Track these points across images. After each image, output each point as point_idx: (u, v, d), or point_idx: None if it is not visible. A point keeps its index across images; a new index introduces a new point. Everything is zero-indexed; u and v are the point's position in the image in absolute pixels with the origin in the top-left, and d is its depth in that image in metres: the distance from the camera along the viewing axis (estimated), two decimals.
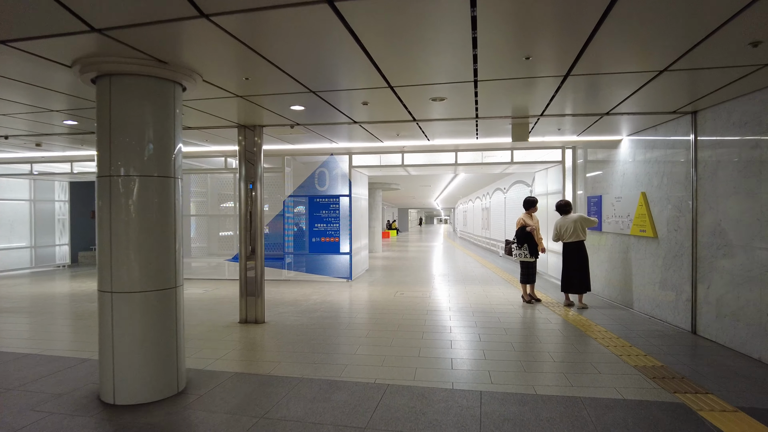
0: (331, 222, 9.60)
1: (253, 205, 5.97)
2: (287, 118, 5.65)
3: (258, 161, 5.94)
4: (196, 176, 11.65)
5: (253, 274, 6.01)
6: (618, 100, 4.82)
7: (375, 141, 7.43)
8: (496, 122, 5.89)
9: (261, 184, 6.00)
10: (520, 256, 7.12)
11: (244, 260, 6.01)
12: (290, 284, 9.20)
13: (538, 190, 10.65)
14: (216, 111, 5.26)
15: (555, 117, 5.56)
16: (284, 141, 7.55)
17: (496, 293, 8.06)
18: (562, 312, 6.49)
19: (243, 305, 5.99)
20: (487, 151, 9.10)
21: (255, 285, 5.99)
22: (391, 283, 9.41)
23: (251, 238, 6.00)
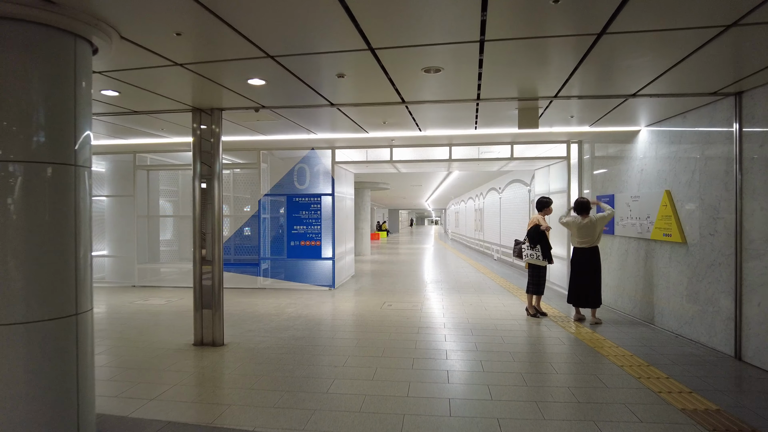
0: (311, 224, 8.64)
1: (209, 205, 5.00)
2: (250, 99, 4.69)
3: (216, 153, 4.97)
4: (166, 173, 10.59)
5: (209, 282, 5.03)
6: (651, 76, 3.94)
7: (359, 131, 6.50)
8: (499, 107, 4.99)
9: (219, 181, 5.03)
10: (530, 257, 6.22)
11: (199, 267, 5.03)
12: (265, 293, 8.21)
13: (539, 189, 9.80)
14: (159, 87, 4.28)
15: (571, 99, 4.68)
16: (255, 131, 6.58)
17: (494, 304, 7.17)
18: (574, 329, 5.61)
19: (198, 322, 5.01)
20: (485, 145, 8.21)
21: (212, 295, 5.02)
22: (378, 291, 8.48)
23: (208, 240, 5.02)
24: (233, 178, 9.90)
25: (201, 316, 5.03)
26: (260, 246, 8.83)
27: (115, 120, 5.76)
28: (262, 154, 8.80)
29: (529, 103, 4.76)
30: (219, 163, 5.02)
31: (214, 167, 4.99)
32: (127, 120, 5.76)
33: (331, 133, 6.77)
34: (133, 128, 6.43)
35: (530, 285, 6.30)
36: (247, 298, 7.74)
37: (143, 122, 5.94)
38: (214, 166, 4.99)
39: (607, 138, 6.98)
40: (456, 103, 4.73)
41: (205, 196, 5.01)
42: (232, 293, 8.24)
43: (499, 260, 14.61)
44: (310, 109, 5.06)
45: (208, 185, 4.99)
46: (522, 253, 6.37)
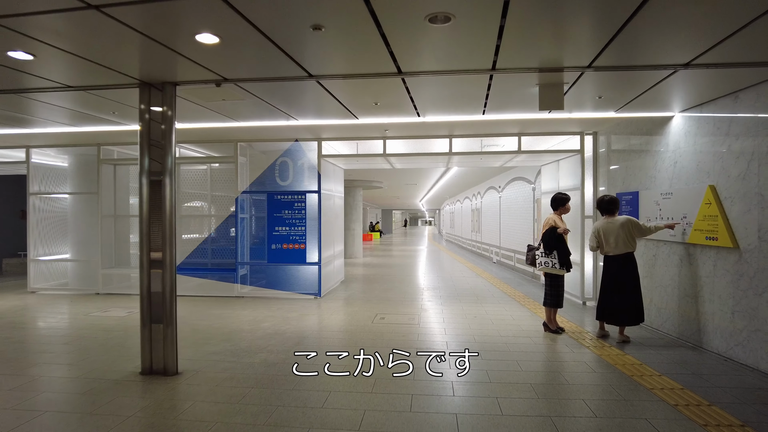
0: (295, 224, 7.71)
1: (159, 204, 4.05)
2: (209, 69, 3.76)
3: (168, 143, 4.03)
4: (137, 168, 9.55)
5: (159, 288, 4.09)
6: (716, 38, 3.08)
7: (347, 116, 5.57)
8: (516, 82, 4.10)
9: (173, 177, 4.10)
10: (546, 266, 5.33)
11: (146, 272, 4.08)
12: (242, 303, 7.25)
13: (546, 186, 8.94)
14: (88, 49, 3.33)
15: (606, 72, 3.80)
16: (225, 115, 5.64)
17: (501, 316, 6.29)
18: (599, 348, 4.74)
19: (146, 342, 4.06)
20: (490, 137, 7.33)
21: (162, 306, 4.07)
22: (370, 300, 7.56)
23: (159, 241, 4.07)
24: (211, 174, 8.93)
25: (150, 334, 4.08)
26: (238, 249, 7.87)
27: (49, 98, 4.79)
28: (240, 147, 7.85)
29: (554, 76, 3.87)
30: (172, 156, 4.08)
31: (165, 160, 4.05)
32: (65, 99, 4.79)
33: (316, 119, 5.84)
34: (80, 112, 5.46)
35: (548, 297, 5.42)
36: (219, 309, 6.79)
37: (87, 103, 4.97)
38: (165, 160, 4.04)
39: (628, 128, 6.13)
40: (465, 74, 3.82)
41: (155, 195, 4.07)
42: (205, 303, 7.28)
43: (498, 263, 13.76)
44: (284, 83, 4.12)
45: (158, 183, 4.05)
46: (536, 260, 5.47)
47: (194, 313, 6.52)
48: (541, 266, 5.36)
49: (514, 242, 12.14)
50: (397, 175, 13.76)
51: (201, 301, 7.50)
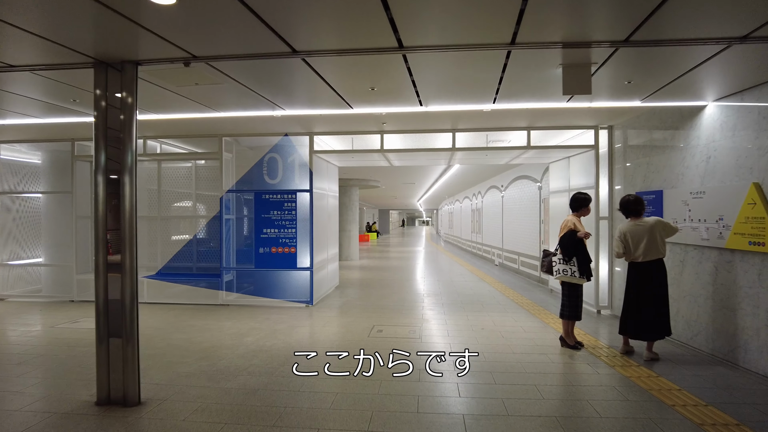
0: (285, 226, 7.10)
1: (118, 204, 3.45)
2: (174, 44, 3.16)
3: (128, 135, 3.42)
4: None
5: (118, 296, 3.48)
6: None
7: (340, 105, 4.98)
8: (536, 61, 3.52)
9: (133, 175, 3.49)
10: (565, 274, 4.74)
11: (103, 278, 3.47)
12: (226, 312, 6.64)
13: (554, 185, 8.38)
14: (33, 22, 2.72)
15: (645, 49, 3.22)
16: (204, 105, 5.03)
17: (510, 327, 5.71)
18: (626, 367, 4.17)
19: (103, 363, 3.45)
20: (496, 131, 6.76)
21: (122, 316, 3.46)
22: (366, 308, 6.96)
23: (116, 243, 3.47)
24: (196, 171, 8.30)
25: (107, 353, 3.46)
26: (222, 253, 7.25)
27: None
28: (225, 142, 7.24)
29: (581, 55, 3.29)
30: (133, 151, 3.46)
31: (124, 156, 3.43)
32: (16, 83, 4.18)
33: (305, 108, 5.24)
34: (37, 100, 4.84)
35: (566, 308, 4.84)
36: (201, 320, 6.17)
37: (44, 89, 4.36)
38: (124, 155, 3.43)
39: (650, 121, 5.57)
40: (479, 50, 3.22)
41: (113, 195, 3.46)
42: (187, 312, 6.66)
43: (500, 266, 13.20)
44: (265, 62, 3.52)
45: (116, 182, 3.44)
46: (552, 267, 4.88)
47: (172, 325, 5.91)
48: (559, 274, 4.78)
49: (518, 244, 11.57)
50: (395, 174, 13.17)
51: (182, 309, 6.89)
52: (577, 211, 4.93)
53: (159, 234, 7.92)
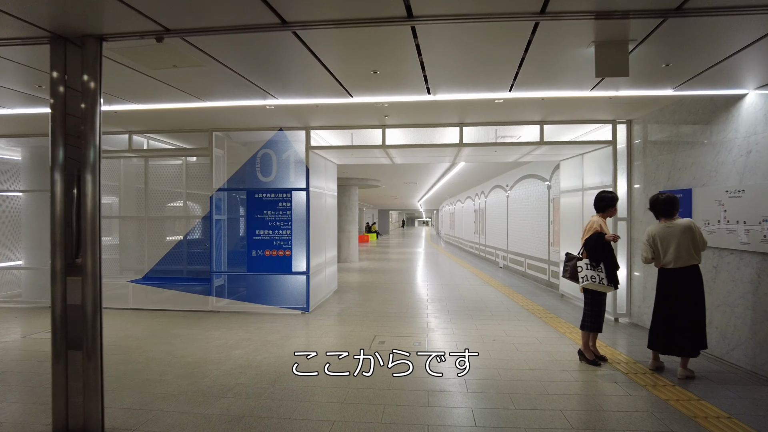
0: (279, 228, 6.61)
1: (78, 203, 2.98)
2: (144, 15, 2.68)
3: (91, 123, 2.95)
4: (103, 162, 8.38)
5: (78, 300, 2.99)
6: None
7: (338, 93, 4.49)
8: (565, 38, 3.04)
9: (96, 173, 3.02)
10: (593, 281, 4.24)
11: (60, 281, 2.99)
12: (216, 320, 6.15)
13: (566, 184, 7.91)
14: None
15: (698, 19, 2.74)
16: (188, 93, 4.55)
17: (524, 338, 5.23)
18: (659, 388, 3.69)
19: (60, 384, 2.95)
20: (506, 125, 6.28)
21: (83, 326, 2.97)
22: (367, 316, 6.48)
23: (77, 245, 2.99)
24: (186, 169, 7.81)
25: (65, 370, 2.97)
26: (212, 256, 6.76)
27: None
28: (216, 137, 6.75)
29: (618, 29, 2.81)
30: (96, 145, 2.99)
31: (86, 151, 2.96)
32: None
33: (300, 97, 4.75)
34: None
35: (587, 318, 4.37)
36: (187, 329, 5.68)
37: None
38: (86, 149, 2.96)
39: (675, 114, 5.10)
40: (502, 21, 2.73)
41: (71, 194, 2.99)
42: (174, 319, 6.17)
43: (505, 268, 12.73)
44: (249, 37, 3.04)
45: (76, 180, 2.97)
46: (577, 273, 4.39)
47: (156, 335, 5.42)
48: (585, 281, 4.28)
49: (524, 246, 11.09)
50: (397, 173, 12.70)
51: (169, 317, 6.40)
52: (603, 212, 4.46)
53: (146, 235, 7.44)
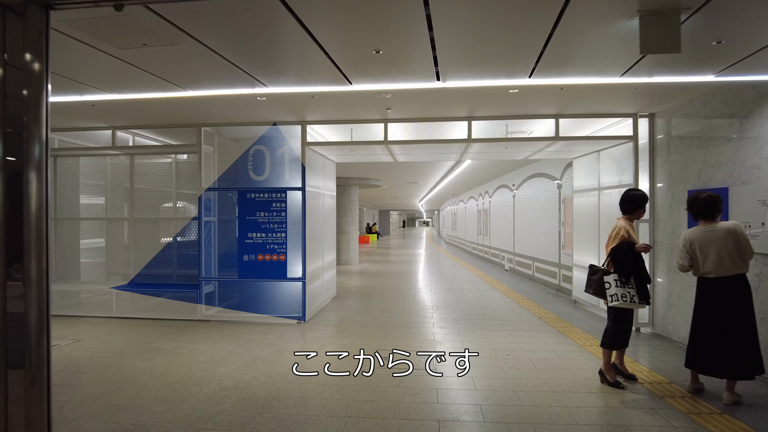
0: (273, 230, 6.13)
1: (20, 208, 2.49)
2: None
3: (35, 113, 2.45)
4: (90, 161, 7.89)
5: (21, 308, 2.48)
6: None
7: (335, 79, 4.01)
8: (603, 11, 2.56)
9: (43, 170, 2.51)
10: (624, 300, 3.68)
11: (0, 286, 2.49)
12: (204, 331, 5.67)
13: (579, 183, 7.42)
14: None
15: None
16: (165, 80, 4.07)
17: (542, 352, 4.74)
18: (704, 416, 3.21)
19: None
20: (519, 119, 5.80)
21: (25, 342, 2.46)
22: (368, 326, 5.99)
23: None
24: (176, 168, 7.32)
25: (5, 395, 2.47)
26: (201, 261, 6.28)
27: None
28: (205, 133, 6.27)
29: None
30: (42, 140, 2.47)
31: (30, 146, 2.45)
32: None
33: (292, 84, 4.26)
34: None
35: (609, 335, 3.87)
36: (172, 341, 5.20)
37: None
38: (30, 144, 2.45)
39: (707, 107, 4.63)
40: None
41: (14, 194, 2.50)
42: (159, 330, 5.69)
43: (511, 271, 12.24)
44: (227, 4, 2.55)
45: (18, 178, 2.48)
46: (604, 290, 3.84)
47: (137, 348, 4.94)
48: (615, 300, 3.73)
49: (532, 248, 10.60)
50: (399, 172, 12.23)
51: (155, 326, 5.92)
52: (630, 213, 3.96)
53: (132, 238, 6.96)
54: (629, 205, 3.94)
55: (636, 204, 3.91)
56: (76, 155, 7.12)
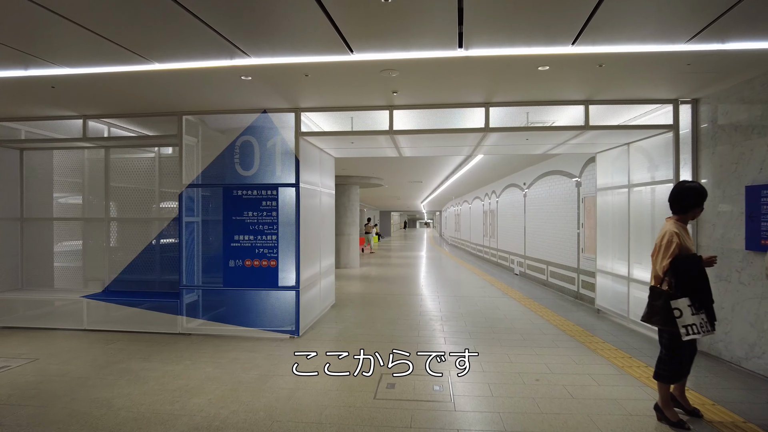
0: (263, 232, 5.39)
1: None
2: None
3: None
4: (64, 156, 7.13)
5: None
6: None
7: (334, 46, 3.29)
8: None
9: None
10: (703, 331, 2.89)
11: None
12: (182, 348, 4.93)
13: (605, 180, 6.69)
14: None
15: None
16: (126, 50, 3.34)
17: (576, 375, 4.00)
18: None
19: None
20: (542, 106, 5.08)
21: None
22: (370, 342, 5.24)
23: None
24: (159, 164, 6.58)
25: None
26: (182, 268, 5.54)
27: None
28: (187, 122, 5.55)
29: None
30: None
31: None
32: None
33: (280, 54, 3.52)
34: None
35: (665, 365, 3.14)
36: (144, 361, 4.47)
37: None
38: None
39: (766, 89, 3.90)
40: None
41: None
42: (132, 345, 4.95)
43: (522, 275, 11.50)
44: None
45: None
46: (674, 319, 2.99)
47: (100, 370, 4.20)
48: (692, 332, 2.90)
49: (546, 252, 9.85)
50: (402, 170, 11.50)
51: (128, 341, 5.19)
52: (684, 213, 3.21)
53: (108, 240, 6.23)
54: (683, 203, 3.18)
55: (692, 201, 3.16)
56: (43, 148, 6.40)
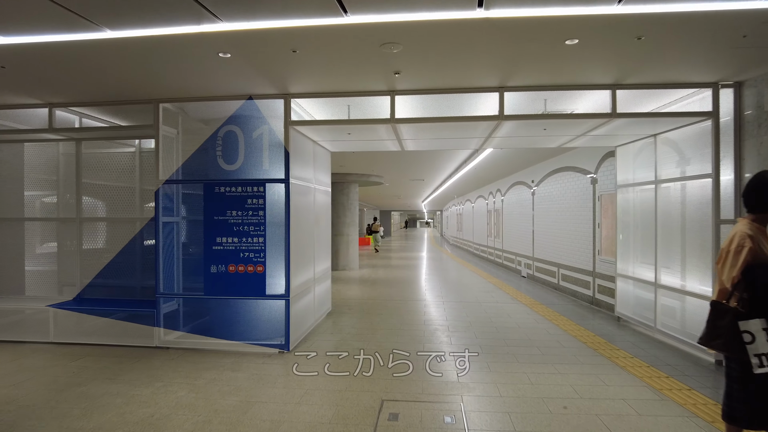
0: (248, 234, 4.80)
1: None
2: None
3: None
4: (38, 150, 6.50)
5: None
6: None
7: (324, 6, 2.69)
8: None
9: None
10: (765, 363, 2.27)
11: None
12: (158, 363, 4.34)
13: (626, 176, 6.09)
14: None
15: None
16: (66, 9, 2.75)
17: (608, 402, 3.41)
18: None
19: None
20: (564, 90, 4.49)
21: None
22: (368, 361, 4.66)
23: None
24: (140, 159, 5.98)
25: None
26: (159, 274, 4.95)
27: None
28: (165, 111, 4.96)
29: None
30: None
31: None
32: None
33: (259, 16, 2.93)
34: None
35: (735, 402, 2.51)
36: (108, 382, 3.87)
37: None
38: None
39: None
40: None
41: None
42: (101, 361, 4.36)
43: (529, 278, 10.91)
44: None
45: None
46: (743, 344, 2.37)
47: (54, 395, 3.61)
48: (764, 365, 2.32)
49: (557, 253, 9.25)
50: (404, 167, 10.91)
51: (96, 357, 4.60)
52: (764, 212, 2.61)
53: (80, 242, 5.65)
54: (767, 197, 2.58)
55: None
56: (7, 141, 5.78)
